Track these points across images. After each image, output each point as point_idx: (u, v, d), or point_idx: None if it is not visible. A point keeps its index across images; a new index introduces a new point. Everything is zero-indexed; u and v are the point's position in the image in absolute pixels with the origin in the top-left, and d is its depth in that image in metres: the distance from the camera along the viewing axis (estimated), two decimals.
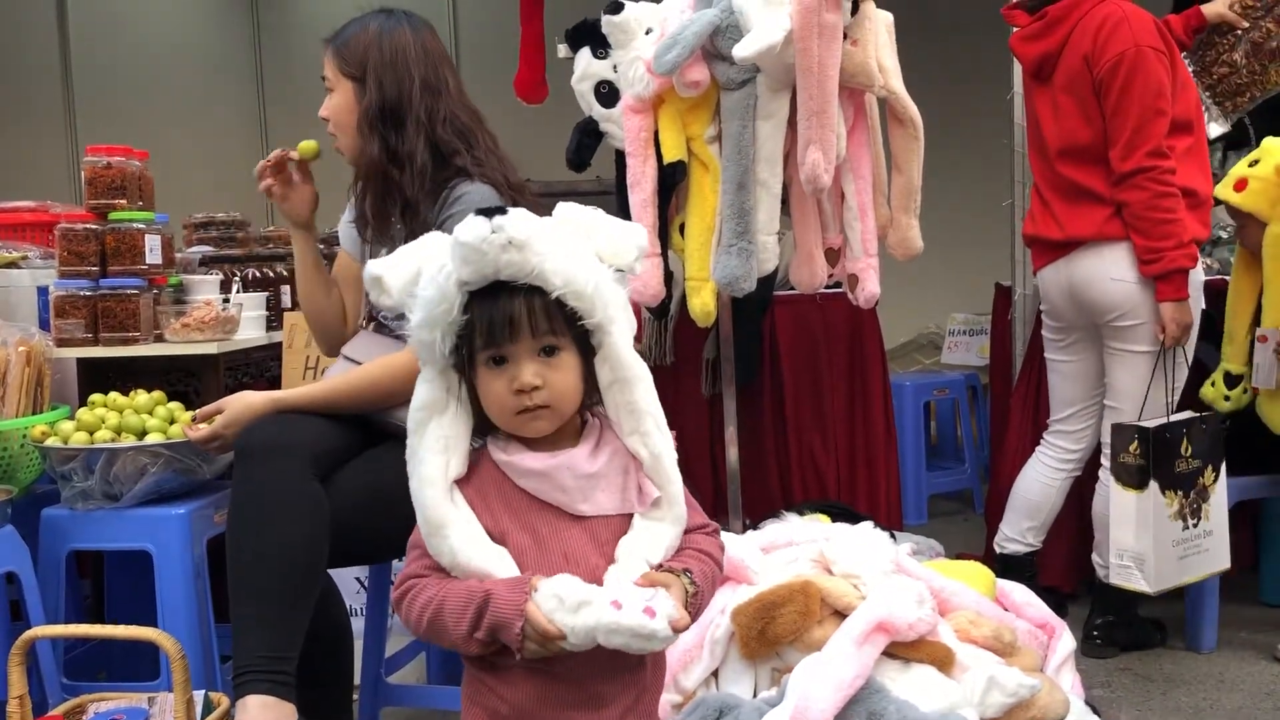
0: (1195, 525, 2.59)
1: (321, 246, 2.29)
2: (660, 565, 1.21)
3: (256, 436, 1.86)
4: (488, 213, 1.16)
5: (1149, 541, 2.51)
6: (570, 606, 1.13)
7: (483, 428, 1.26)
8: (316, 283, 2.19)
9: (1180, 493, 2.56)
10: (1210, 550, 2.62)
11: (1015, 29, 2.82)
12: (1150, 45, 2.55)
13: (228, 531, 1.82)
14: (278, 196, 2.12)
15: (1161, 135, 2.52)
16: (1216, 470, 2.63)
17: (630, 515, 1.24)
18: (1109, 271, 2.61)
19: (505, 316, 1.18)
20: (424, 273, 1.22)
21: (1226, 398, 2.78)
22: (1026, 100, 2.87)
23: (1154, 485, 2.51)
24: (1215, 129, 3.15)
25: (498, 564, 1.20)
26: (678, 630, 1.15)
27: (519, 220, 1.16)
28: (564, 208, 1.26)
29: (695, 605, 1.20)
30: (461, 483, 1.23)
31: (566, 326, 1.20)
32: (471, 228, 1.15)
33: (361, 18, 2.05)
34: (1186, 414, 2.63)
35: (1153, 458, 2.51)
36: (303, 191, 2.14)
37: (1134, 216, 2.54)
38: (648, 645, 1.14)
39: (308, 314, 2.23)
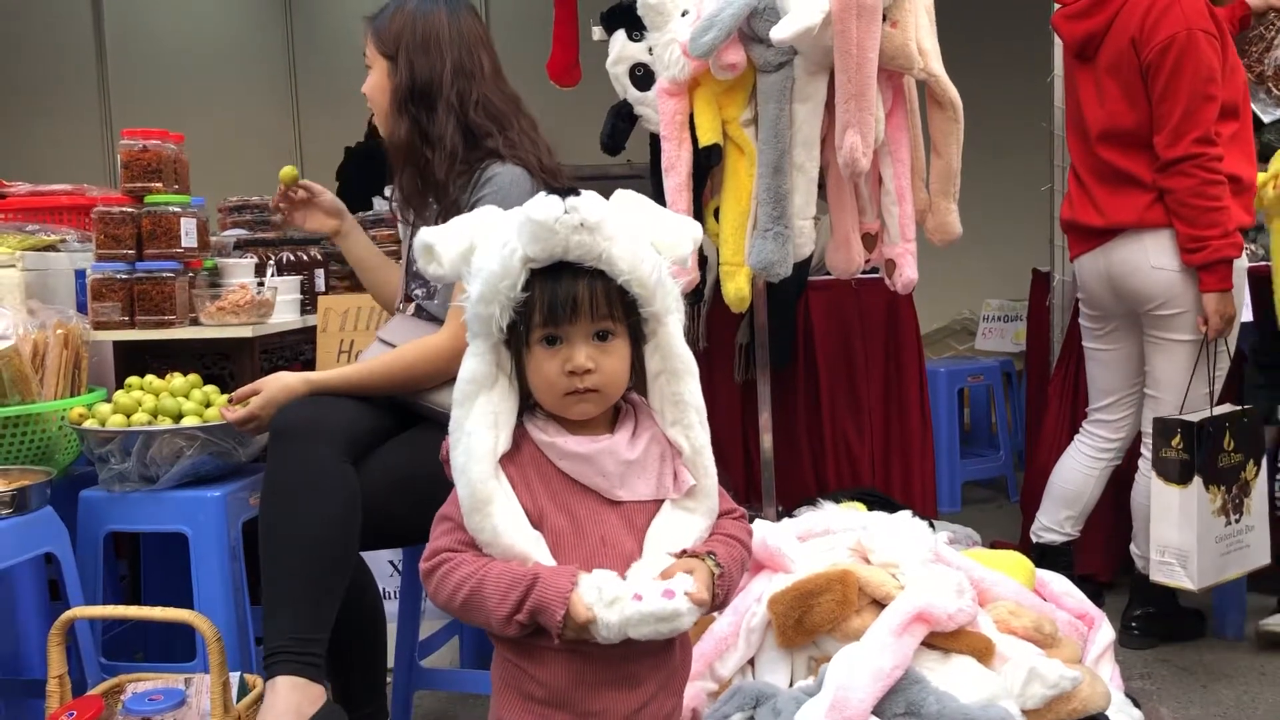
0: (1237, 521, 2.54)
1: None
2: (684, 551, 1.22)
3: (291, 418, 1.86)
4: (561, 192, 1.17)
5: (1193, 538, 2.46)
6: (606, 600, 1.14)
7: (520, 406, 1.26)
8: (375, 271, 2.25)
9: (1223, 488, 2.51)
10: (1251, 546, 2.58)
11: (1058, 7, 2.76)
12: (1202, 28, 2.48)
13: (260, 512, 1.83)
14: (295, 221, 2.23)
15: (1210, 121, 2.46)
16: (1258, 464, 2.59)
17: (662, 501, 1.25)
18: (1150, 259, 2.56)
19: (567, 296, 1.19)
20: (477, 246, 1.22)
21: None
22: (1067, 81, 2.81)
23: (1198, 480, 2.46)
24: (1272, 113, 3.09)
25: (535, 547, 1.21)
26: (699, 605, 1.16)
27: (592, 203, 1.17)
28: (621, 196, 1.26)
29: (722, 585, 1.21)
30: (504, 460, 1.23)
31: (623, 313, 1.21)
32: (544, 206, 1.16)
33: None
34: (1227, 407, 2.58)
35: (1196, 452, 2.46)
36: (315, 206, 2.22)
37: (1179, 204, 2.49)
38: (674, 625, 1.16)
39: (377, 299, 2.32)
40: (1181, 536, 2.48)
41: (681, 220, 1.29)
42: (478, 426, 1.21)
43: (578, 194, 1.17)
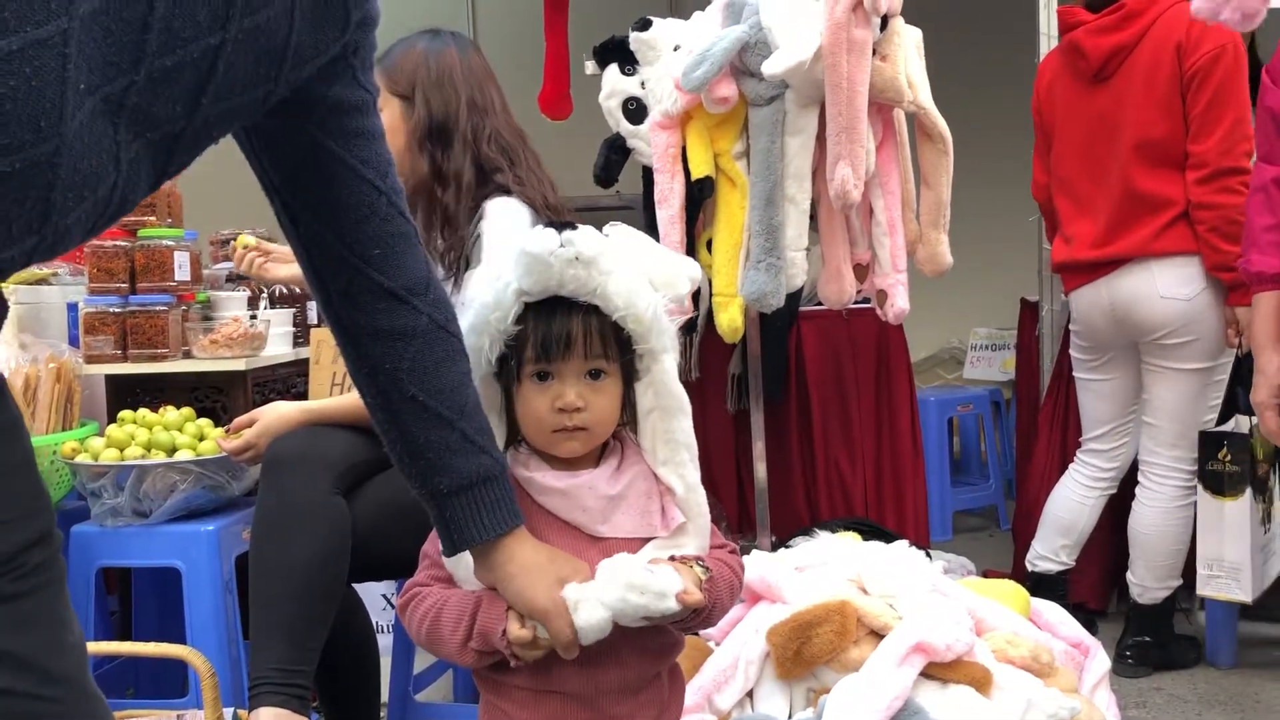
0: (1269, 528, 2.56)
1: None
2: (671, 558, 1.19)
3: (283, 448, 1.87)
4: (557, 226, 1.16)
5: (1246, 549, 2.46)
6: (570, 607, 1.11)
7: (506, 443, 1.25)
8: None
9: (1262, 496, 2.53)
10: (1276, 553, 2.60)
11: (1075, 28, 2.68)
12: (1241, 46, 2.49)
13: (251, 542, 1.83)
14: (265, 277, 2.34)
15: (1252, 138, 2.43)
16: (1276, 470, 2.60)
17: (648, 539, 1.22)
18: (1159, 289, 2.55)
19: (562, 333, 1.17)
20: (470, 280, 1.22)
21: None
22: (1069, 110, 2.72)
23: (1249, 491, 2.47)
24: None
25: None
26: (683, 603, 1.12)
27: (587, 237, 1.16)
28: (616, 229, 1.25)
29: (709, 592, 1.17)
30: None
31: (617, 351, 1.20)
32: (540, 239, 1.15)
33: (408, 38, 2.07)
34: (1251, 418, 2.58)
35: (1246, 463, 2.47)
36: (277, 260, 2.31)
37: (1227, 221, 2.43)
38: (654, 603, 1.11)
39: None
40: (1235, 549, 2.47)
41: (679, 259, 1.27)
42: None
43: (574, 228, 1.16)
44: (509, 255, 1.19)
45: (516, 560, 1.12)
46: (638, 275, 1.20)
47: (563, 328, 1.17)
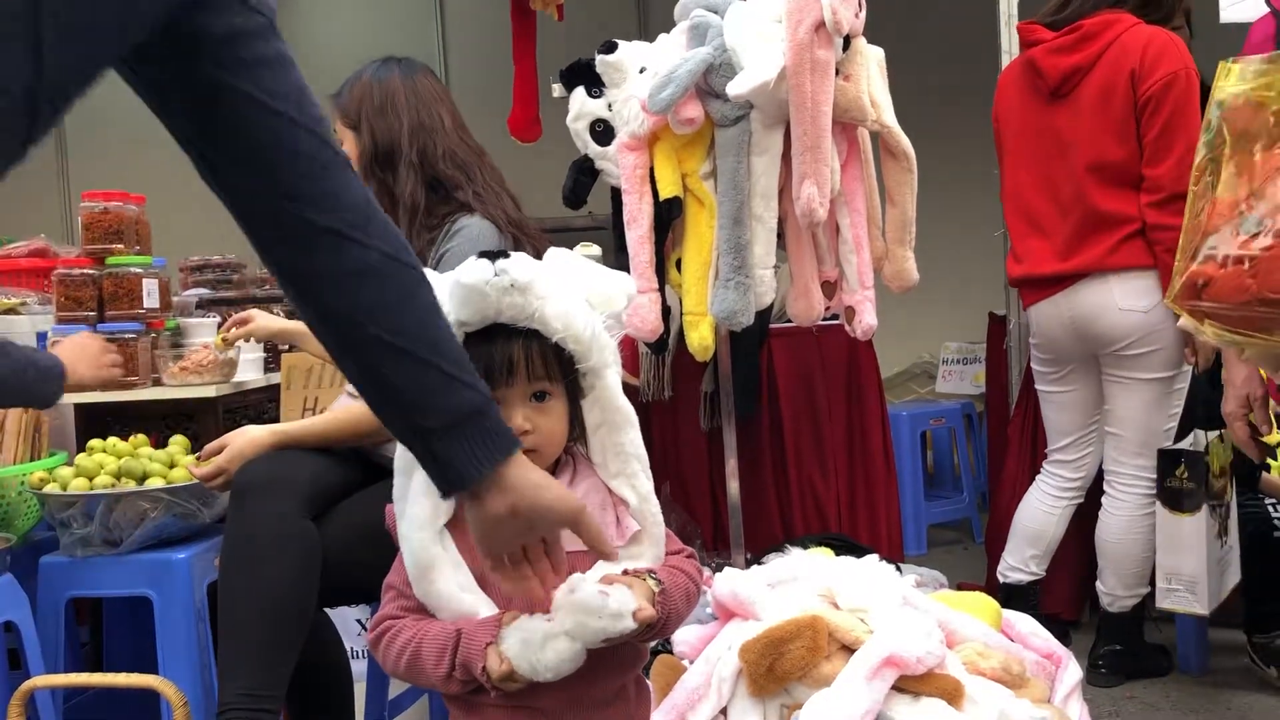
0: (1225, 541, 2.59)
1: None
2: (625, 571, 1.21)
3: (251, 474, 1.87)
4: (490, 255, 1.18)
5: (1202, 563, 2.49)
6: (538, 644, 1.13)
7: None
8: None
9: (1217, 510, 2.56)
10: (1232, 564, 2.63)
11: (1034, 45, 2.70)
12: (1195, 71, 2.52)
13: (220, 569, 1.83)
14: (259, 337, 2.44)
15: None
16: (1232, 483, 2.64)
17: None
18: (1117, 302, 2.59)
19: (504, 359, 1.19)
20: None
21: None
22: (1024, 125, 2.74)
23: (1205, 507, 2.50)
24: None
25: (482, 608, 1.20)
26: (639, 620, 1.14)
27: (521, 264, 1.18)
28: (554, 254, 1.27)
29: (662, 605, 1.19)
30: (449, 524, 1.23)
31: (560, 372, 1.22)
32: (474, 270, 1.17)
33: (359, 70, 2.11)
34: (1215, 432, 2.61)
35: (1202, 479, 2.50)
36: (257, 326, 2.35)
37: None
38: (611, 624, 1.12)
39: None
40: (1192, 563, 2.50)
41: (614, 276, 1.30)
42: (417, 495, 1.21)
43: (507, 256, 1.18)
44: (445, 287, 1.20)
45: (532, 479, 1.06)
46: (574, 296, 1.22)
47: (504, 354, 1.19)
